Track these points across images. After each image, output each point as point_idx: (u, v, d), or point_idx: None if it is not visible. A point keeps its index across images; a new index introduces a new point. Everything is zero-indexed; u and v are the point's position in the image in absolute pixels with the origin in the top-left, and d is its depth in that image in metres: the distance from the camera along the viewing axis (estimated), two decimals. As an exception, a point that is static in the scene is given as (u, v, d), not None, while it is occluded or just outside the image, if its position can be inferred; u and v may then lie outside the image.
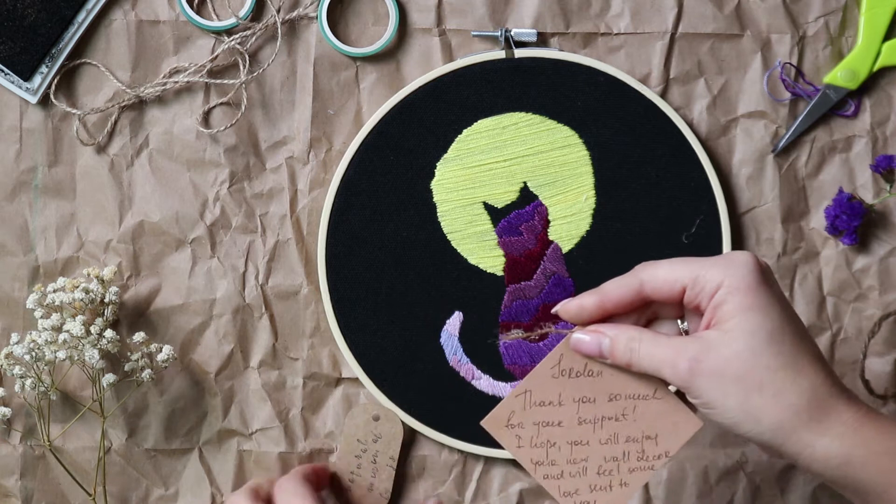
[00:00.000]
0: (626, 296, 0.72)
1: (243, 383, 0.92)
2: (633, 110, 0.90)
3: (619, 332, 0.72)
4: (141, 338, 0.87)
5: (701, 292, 0.70)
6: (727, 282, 0.69)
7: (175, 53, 0.90)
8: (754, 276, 0.70)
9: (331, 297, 0.89)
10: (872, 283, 0.92)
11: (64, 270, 0.90)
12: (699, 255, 0.84)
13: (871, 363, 0.93)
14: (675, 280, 0.71)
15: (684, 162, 0.90)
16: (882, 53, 0.90)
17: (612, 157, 0.90)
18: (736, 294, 0.69)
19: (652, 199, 0.90)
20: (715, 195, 0.90)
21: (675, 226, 0.90)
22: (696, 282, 0.70)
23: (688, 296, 0.71)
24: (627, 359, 0.72)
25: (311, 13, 0.90)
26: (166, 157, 0.90)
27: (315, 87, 0.90)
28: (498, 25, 0.90)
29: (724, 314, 0.70)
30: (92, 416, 0.90)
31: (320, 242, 0.89)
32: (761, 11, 0.91)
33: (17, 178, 0.90)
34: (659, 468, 0.76)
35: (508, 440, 0.75)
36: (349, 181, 0.89)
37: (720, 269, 0.70)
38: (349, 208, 0.89)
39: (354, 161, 0.89)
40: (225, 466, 0.92)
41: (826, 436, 0.68)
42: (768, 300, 0.69)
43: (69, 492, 0.91)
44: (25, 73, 0.88)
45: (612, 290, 0.73)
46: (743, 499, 0.93)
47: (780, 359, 0.69)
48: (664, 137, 0.90)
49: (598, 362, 0.74)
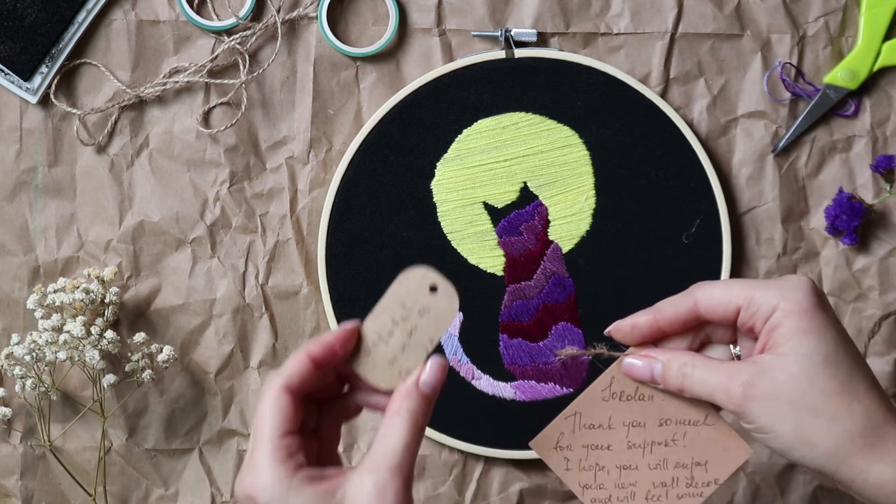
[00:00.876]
0: (681, 315, 0.72)
1: (243, 383, 0.92)
2: (634, 110, 0.90)
3: (672, 357, 0.72)
4: (141, 338, 0.87)
5: (756, 313, 0.70)
6: (783, 304, 0.69)
7: (175, 53, 0.90)
8: (810, 299, 0.69)
9: (331, 297, 0.89)
10: (872, 283, 0.92)
11: (64, 270, 0.90)
12: (700, 255, 0.84)
13: (871, 363, 0.92)
14: (731, 300, 0.70)
15: (684, 162, 0.90)
16: (882, 53, 0.90)
17: (612, 157, 0.90)
18: (791, 317, 0.69)
19: (652, 199, 0.90)
20: (715, 195, 0.90)
21: (675, 225, 0.90)
22: (752, 303, 0.70)
23: (742, 317, 0.70)
24: (679, 384, 0.71)
25: (311, 13, 0.90)
26: (166, 157, 0.90)
27: (315, 87, 0.90)
28: (498, 25, 0.90)
29: (780, 337, 0.69)
30: (92, 417, 0.90)
31: (320, 242, 0.89)
32: (761, 11, 0.91)
33: (17, 178, 0.90)
34: (708, 495, 0.75)
35: (556, 462, 0.74)
36: (349, 181, 0.89)
37: (776, 292, 0.69)
38: (349, 209, 0.89)
39: (354, 161, 0.89)
40: (225, 466, 0.92)
41: (881, 462, 0.67)
42: (823, 324, 0.69)
43: (69, 492, 0.91)
44: (25, 73, 0.88)
45: (667, 310, 0.72)
46: (743, 499, 0.93)
47: (835, 384, 0.68)
48: (664, 137, 0.90)
49: (650, 387, 0.73)
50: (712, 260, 0.89)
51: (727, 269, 0.89)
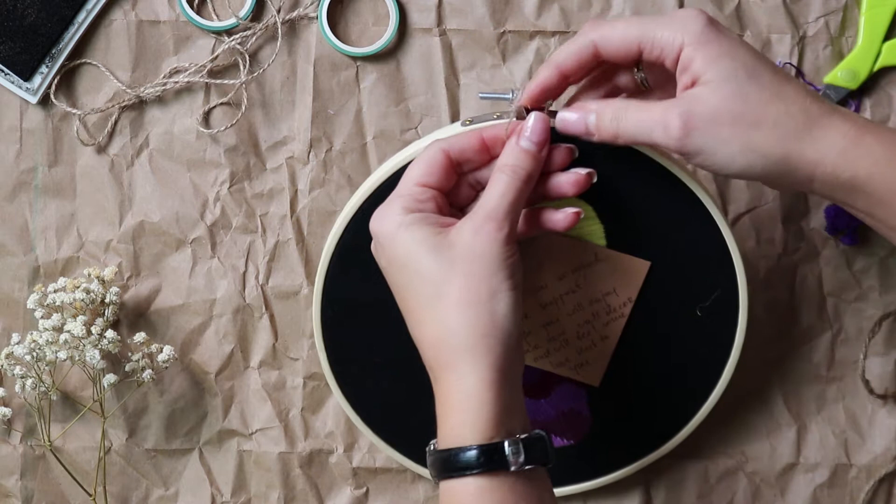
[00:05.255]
0: (582, 58, 0.74)
1: (243, 383, 0.92)
2: (650, 180, 0.82)
3: (604, 104, 0.74)
4: (141, 338, 0.87)
5: (662, 53, 0.72)
6: (687, 39, 0.71)
7: (175, 53, 0.90)
8: (710, 28, 0.71)
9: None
10: (872, 283, 0.92)
11: (64, 270, 0.90)
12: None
13: (871, 363, 0.93)
14: (631, 42, 0.73)
15: None
16: (882, 53, 0.90)
17: (623, 221, 0.84)
18: (700, 48, 0.71)
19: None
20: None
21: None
22: (654, 44, 0.72)
23: (647, 56, 0.73)
24: (614, 129, 0.73)
25: (311, 13, 0.90)
26: (166, 157, 0.90)
27: (315, 87, 0.90)
28: (498, 25, 0.90)
29: (698, 70, 0.71)
30: (92, 417, 0.90)
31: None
32: (761, 11, 0.91)
33: (17, 178, 0.90)
34: (628, 314, 0.83)
35: None
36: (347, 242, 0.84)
37: (676, 30, 0.72)
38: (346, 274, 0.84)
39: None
40: (225, 466, 0.92)
41: (831, 151, 0.70)
42: (732, 45, 0.71)
43: (69, 492, 0.91)
44: (25, 73, 0.88)
45: (567, 56, 0.74)
46: (743, 499, 0.93)
47: (766, 93, 0.70)
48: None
49: (530, 238, 0.78)
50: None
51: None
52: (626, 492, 0.92)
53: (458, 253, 0.71)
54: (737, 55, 0.71)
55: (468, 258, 0.71)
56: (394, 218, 0.73)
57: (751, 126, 0.70)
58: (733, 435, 0.93)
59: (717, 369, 0.85)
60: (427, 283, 0.71)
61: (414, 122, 0.90)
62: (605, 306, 0.83)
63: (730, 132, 0.70)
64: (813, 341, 0.93)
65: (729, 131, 0.70)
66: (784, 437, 0.93)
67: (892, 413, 0.93)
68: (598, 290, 0.82)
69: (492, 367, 0.70)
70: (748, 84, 0.70)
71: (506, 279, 0.71)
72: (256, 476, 0.92)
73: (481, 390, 0.70)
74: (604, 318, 0.83)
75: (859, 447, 0.93)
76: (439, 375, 0.72)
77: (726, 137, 0.71)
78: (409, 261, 0.72)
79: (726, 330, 0.84)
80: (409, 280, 0.72)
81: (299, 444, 0.92)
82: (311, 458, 0.92)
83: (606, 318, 0.83)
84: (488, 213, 0.72)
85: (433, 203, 0.74)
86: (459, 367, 0.70)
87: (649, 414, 0.87)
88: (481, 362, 0.70)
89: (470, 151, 0.76)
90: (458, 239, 0.72)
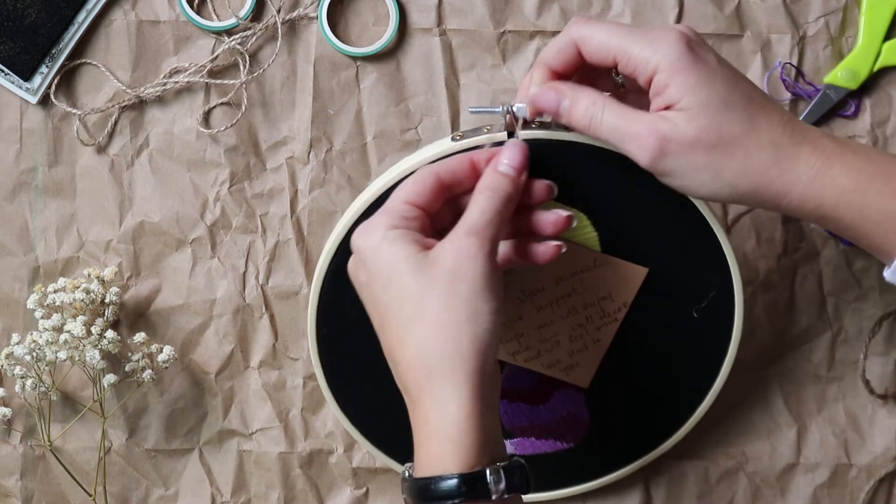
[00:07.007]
0: (567, 57, 0.75)
1: (243, 383, 0.92)
2: (645, 189, 0.80)
3: (581, 94, 0.74)
4: (141, 338, 0.87)
5: (635, 70, 0.72)
6: (662, 64, 0.71)
7: (175, 53, 0.90)
8: (686, 55, 0.71)
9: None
10: (872, 283, 0.92)
11: (64, 270, 0.90)
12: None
13: (871, 363, 0.93)
14: (609, 51, 0.73)
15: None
16: (882, 53, 0.90)
17: (619, 234, 0.83)
18: (675, 75, 0.71)
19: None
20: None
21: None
22: (630, 60, 0.72)
23: (622, 69, 0.73)
24: (587, 123, 0.73)
25: (311, 13, 0.90)
26: (166, 158, 0.90)
27: (315, 87, 0.90)
28: (498, 25, 0.90)
29: (673, 96, 0.71)
30: (92, 417, 0.90)
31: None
32: (761, 11, 0.91)
33: (17, 178, 0.90)
34: (622, 318, 0.83)
35: None
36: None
37: (651, 51, 0.71)
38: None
39: None
40: (225, 466, 0.92)
41: (798, 183, 0.71)
42: (707, 72, 0.71)
43: (69, 492, 0.91)
44: (25, 73, 0.88)
45: (553, 55, 0.75)
46: (743, 499, 0.93)
47: (738, 126, 0.71)
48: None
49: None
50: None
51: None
52: (627, 492, 0.92)
53: (438, 270, 0.69)
54: (714, 83, 0.71)
55: (449, 274, 0.69)
56: (378, 232, 0.71)
57: (723, 156, 0.71)
58: (733, 435, 0.93)
59: (714, 368, 0.85)
60: (407, 301, 0.70)
61: (414, 122, 0.90)
62: (599, 310, 0.83)
63: (703, 161, 0.71)
64: (813, 341, 0.93)
65: (702, 160, 0.71)
66: (784, 437, 0.93)
67: (893, 413, 0.93)
68: (593, 295, 0.82)
69: (472, 393, 0.68)
70: (722, 114, 0.71)
71: (488, 301, 0.69)
72: (256, 476, 0.92)
73: (461, 418, 0.68)
74: (597, 322, 0.83)
75: (859, 447, 0.93)
76: (417, 399, 0.70)
77: (699, 166, 0.71)
78: (391, 277, 0.70)
79: (723, 329, 0.84)
80: (390, 298, 0.71)
81: (299, 444, 0.92)
82: (311, 458, 0.92)
83: (600, 322, 0.83)
84: (468, 229, 0.71)
85: (418, 222, 0.72)
86: (438, 391, 0.69)
87: (648, 415, 0.87)
88: (462, 387, 0.68)
89: (461, 174, 0.75)
90: (439, 255, 0.70)
